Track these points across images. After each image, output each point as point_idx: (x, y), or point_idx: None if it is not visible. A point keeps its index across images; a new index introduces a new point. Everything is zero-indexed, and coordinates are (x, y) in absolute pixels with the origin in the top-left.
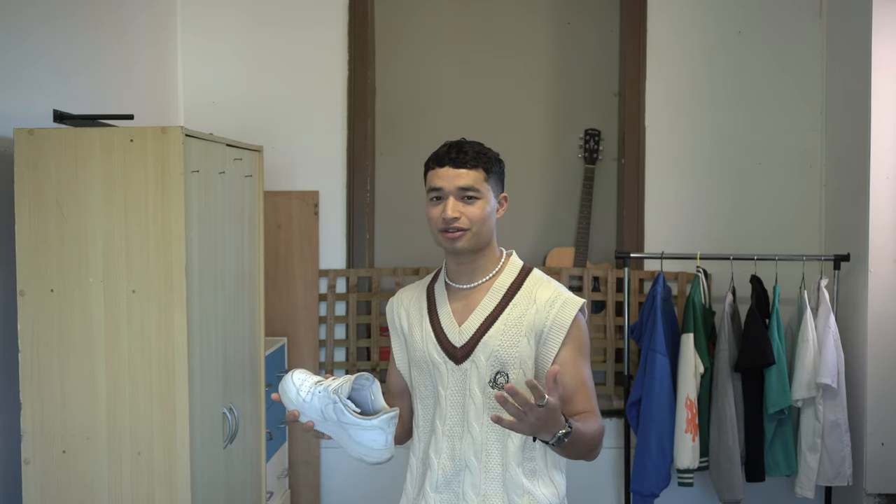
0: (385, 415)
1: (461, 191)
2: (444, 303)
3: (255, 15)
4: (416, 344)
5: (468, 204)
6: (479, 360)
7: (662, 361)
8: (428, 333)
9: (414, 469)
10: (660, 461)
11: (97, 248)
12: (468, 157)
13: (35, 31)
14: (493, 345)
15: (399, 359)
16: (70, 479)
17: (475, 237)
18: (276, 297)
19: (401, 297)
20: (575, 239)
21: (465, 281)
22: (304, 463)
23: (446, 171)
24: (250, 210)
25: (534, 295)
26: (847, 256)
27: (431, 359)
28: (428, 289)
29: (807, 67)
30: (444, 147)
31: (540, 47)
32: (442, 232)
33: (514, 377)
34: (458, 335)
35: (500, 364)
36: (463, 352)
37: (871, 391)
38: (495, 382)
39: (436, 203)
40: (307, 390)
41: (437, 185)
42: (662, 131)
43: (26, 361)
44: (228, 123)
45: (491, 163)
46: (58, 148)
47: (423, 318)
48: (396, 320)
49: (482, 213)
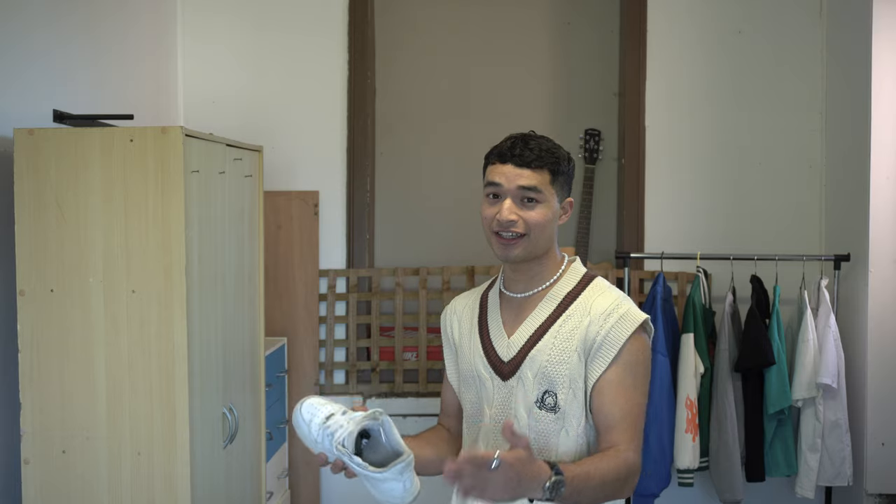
0: (395, 466)
1: (521, 191)
2: (496, 312)
3: (256, 15)
4: (465, 357)
5: (527, 207)
6: (525, 376)
7: (662, 361)
8: (476, 345)
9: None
10: (660, 461)
11: (97, 248)
12: (534, 155)
13: (35, 31)
14: (540, 360)
15: (450, 372)
16: (70, 479)
17: (531, 245)
18: (276, 297)
19: (455, 305)
20: (575, 239)
21: (520, 289)
22: (305, 463)
23: (508, 169)
24: (250, 210)
25: (590, 305)
26: (847, 256)
27: (478, 374)
28: (482, 296)
29: (807, 67)
30: (508, 141)
31: (540, 47)
32: (495, 235)
33: (563, 398)
34: (507, 348)
35: (548, 382)
36: (510, 367)
37: (872, 391)
38: (543, 403)
39: (492, 201)
40: (317, 429)
41: (495, 181)
42: (662, 131)
43: (26, 361)
44: (228, 123)
45: (559, 163)
46: (58, 148)
47: (472, 329)
48: (449, 330)
49: (542, 218)
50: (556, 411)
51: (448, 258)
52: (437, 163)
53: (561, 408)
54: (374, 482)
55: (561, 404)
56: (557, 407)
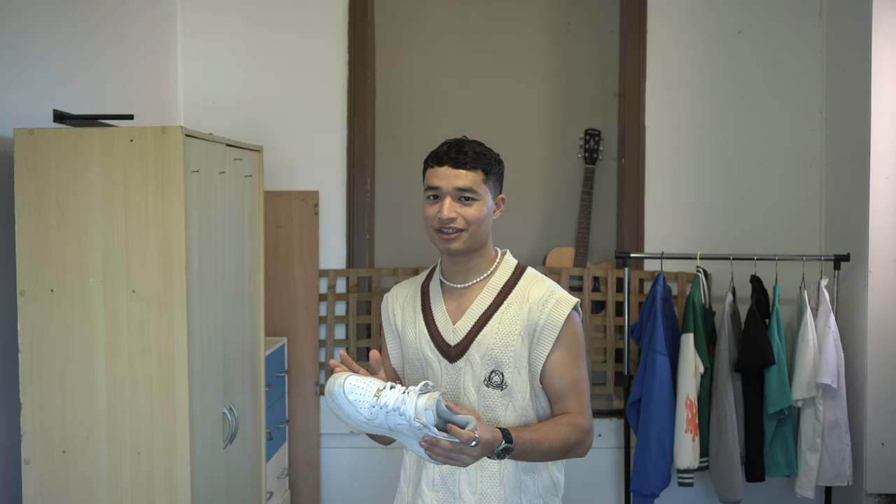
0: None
1: (459, 191)
2: (439, 301)
3: (255, 15)
4: (410, 341)
5: (465, 205)
6: (473, 358)
7: (662, 361)
8: (422, 331)
9: (408, 467)
10: (660, 461)
11: (97, 248)
12: (468, 158)
13: (35, 31)
14: (487, 344)
15: (393, 355)
16: (70, 479)
17: (470, 238)
18: (276, 297)
19: (396, 293)
20: (575, 239)
21: (459, 280)
22: (305, 463)
23: (445, 171)
24: (250, 210)
25: (527, 294)
26: (847, 256)
27: (425, 356)
28: (423, 286)
29: (807, 67)
30: (444, 146)
31: (540, 47)
32: (437, 231)
33: (510, 376)
34: (453, 333)
35: (494, 363)
36: (457, 350)
37: (871, 391)
38: (490, 381)
39: (432, 202)
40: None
41: (434, 185)
42: (662, 131)
43: (26, 361)
44: (228, 123)
45: (490, 164)
46: (58, 148)
47: (416, 316)
48: (391, 316)
49: (479, 214)
50: (504, 388)
51: None
52: None
53: (508, 385)
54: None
55: (508, 382)
56: (504, 384)
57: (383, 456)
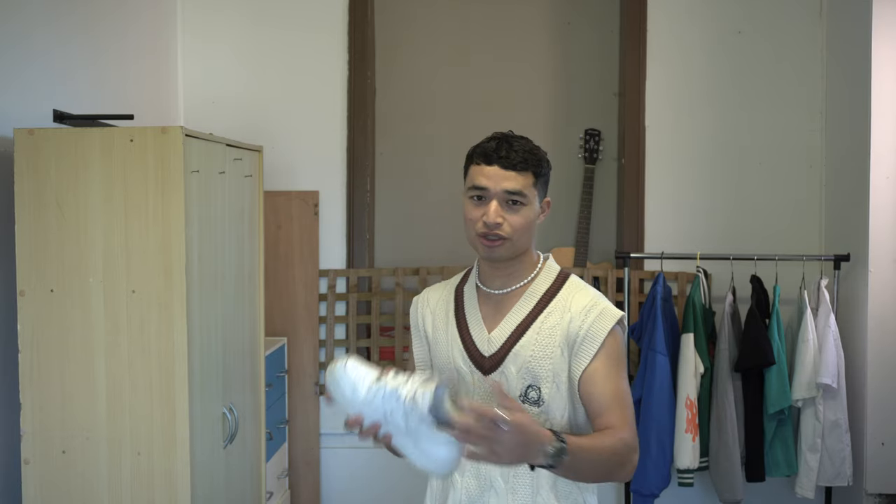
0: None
1: (507, 194)
2: (474, 307)
3: (255, 14)
4: (441, 349)
5: (512, 210)
6: (509, 371)
7: (662, 361)
8: (454, 339)
9: (434, 487)
10: (660, 461)
11: (97, 248)
12: (519, 158)
13: (35, 31)
14: (524, 356)
15: (420, 361)
16: (70, 479)
17: (514, 246)
18: (276, 297)
19: (427, 296)
20: (575, 239)
21: (498, 285)
22: (305, 463)
23: (494, 171)
24: (250, 210)
25: (570, 303)
26: (847, 256)
27: (457, 367)
28: (457, 290)
29: (807, 67)
30: (493, 142)
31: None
32: (480, 237)
33: (547, 392)
34: (488, 343)
35: (531, 377)
36: (492, 362)
37: (871, 391)
38: (526, 397)
39: (476, 203)
40: (367, 387)
41: (481, 185)
42: (662, 131)
43: (26, 361)
44: (228, 123)
45: (541, 165)
46: (58, 148)
47: (448, 322)
48: (420, 321)
49: (526, 221)
50: (540, 405)
51: (448, 258)
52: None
53: (545, 402)
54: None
55: (545, 398)
56: (541, 401)
57: (383, 456)
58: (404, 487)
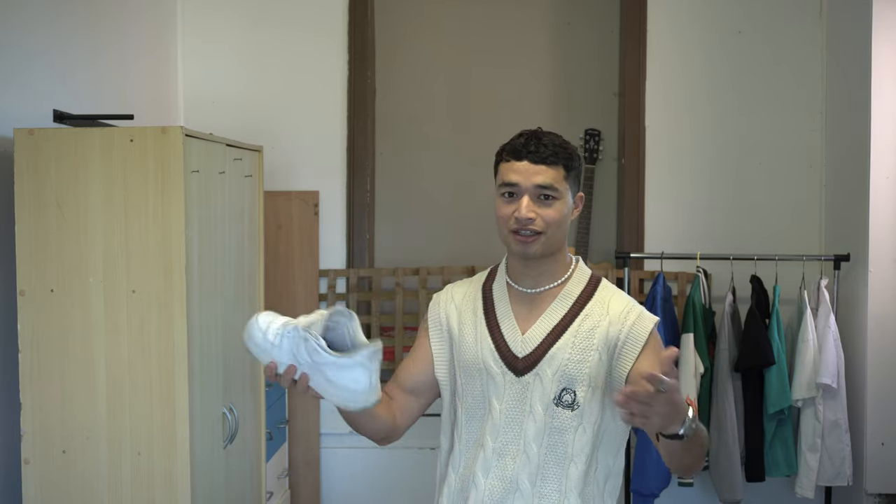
0: (366, 350)
1: (539, 189)
2: (506, 306)
3: (255, 14)
4: (468, 347)
5: (544, 204)
6: (544, 373)
7: None
8: (484, 338)
9: (453, 485)
10: (660, 461)
11: (97, 248)
12: (548, 152)
13: (35, 31)
14: (561, 358)
15: (440, 359)
16: (70, 479)
17: (548, 241)
18: (276, 297)
19: (451, 293)
20: (575, 239)
21: (529, 284)
22: (305, 463)
23: (524, 166)
24: (250, 210)
25: (607, 306)
26: (847, 256)
27: (486, 367)
28: (484, 287)
29: (807, 67)
30: (522, 138)
31: (540, 47)
32: (513, 233)
33: (582, 395)
34: (521, 344)
35: (567, 380)
36: (525, 363)
37: (871, 391)
38: (560, 400)
39: (507, 200)
40: (275, 332)
41: (511, 181)
42: (662, 131)
43: (26, 361)
44: (228, 123)
45: (572, 159)
46: (58, 148)
47: (477, 320)
48: (444, 317)
49: (559, 215)
50: (575, 408)
51: (448, 258)
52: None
53: (580, 405)
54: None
55: (580, 402)
56: (576, 404)
57: (384, 456)
58: (405, 487)
